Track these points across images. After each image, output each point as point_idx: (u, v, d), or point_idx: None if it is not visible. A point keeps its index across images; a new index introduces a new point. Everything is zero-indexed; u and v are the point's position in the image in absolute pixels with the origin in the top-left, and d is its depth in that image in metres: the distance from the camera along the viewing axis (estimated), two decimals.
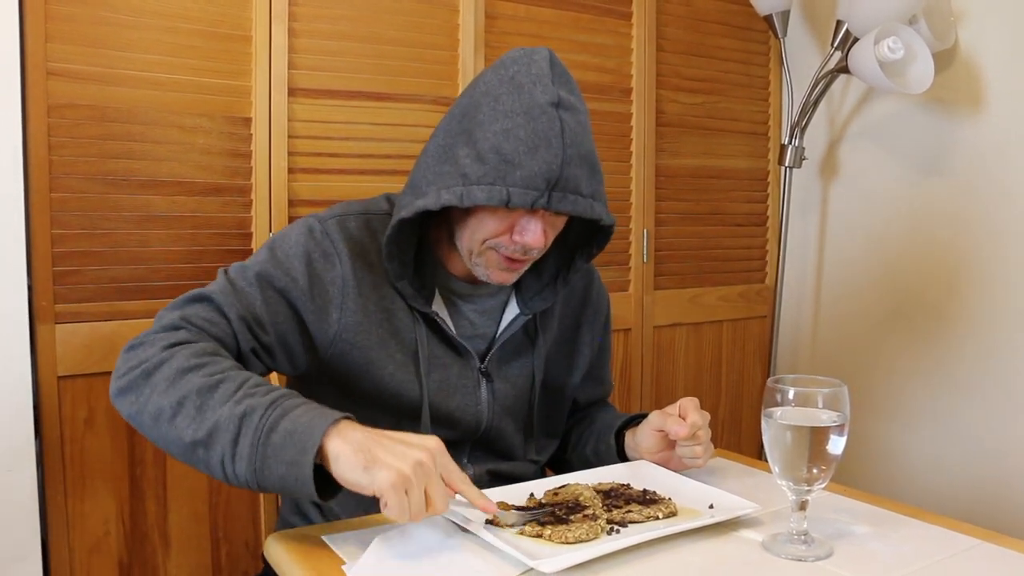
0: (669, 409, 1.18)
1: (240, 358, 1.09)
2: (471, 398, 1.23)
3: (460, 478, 0.93)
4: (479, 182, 1.04)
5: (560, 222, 1.14)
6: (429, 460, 0.88)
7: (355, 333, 1.14)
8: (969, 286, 2.07)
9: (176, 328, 1.04)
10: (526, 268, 1.17)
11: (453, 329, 1.21)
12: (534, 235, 1.08)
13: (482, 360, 1.23)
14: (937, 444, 2.14)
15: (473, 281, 1.22)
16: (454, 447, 1.21)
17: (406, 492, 0.86)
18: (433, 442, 0.91)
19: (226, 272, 1.13)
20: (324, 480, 0.90)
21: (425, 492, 0.87)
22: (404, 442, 0.90)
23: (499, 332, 1.25)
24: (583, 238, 1.23)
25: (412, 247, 1.17)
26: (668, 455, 1.20)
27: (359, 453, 0.88)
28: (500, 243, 1.10)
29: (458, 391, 1.21)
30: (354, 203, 1.23)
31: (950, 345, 2.11)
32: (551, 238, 1.13)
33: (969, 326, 2.07)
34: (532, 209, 1.06)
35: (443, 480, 0.90)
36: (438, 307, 1.20)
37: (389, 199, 1.24)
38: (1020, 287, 1.97)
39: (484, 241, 1.11)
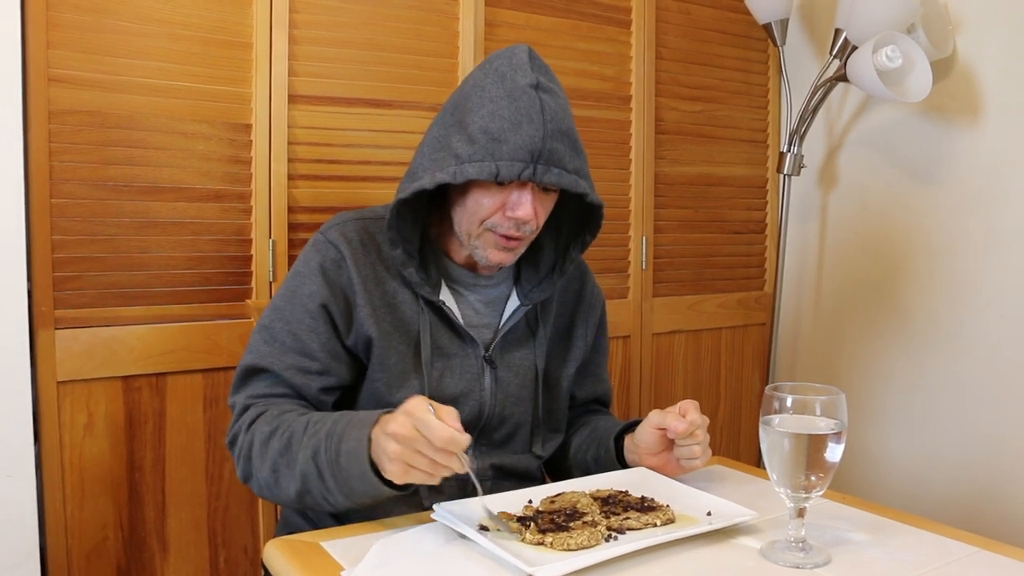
0: (669, 408, 1.20)
1: (312, 401, 1.21)
2: (475, 384, 1.26)
3: (447, 415, 0.97)
4: (470, 160, 1.12)
5: (550, 201, 1.21)
6: (405, 438, 0.96)
7: (367, 326, 1.20)
8: (967, 294, 2.07)
9: (246, 408, 1.18)
10: (522, 249, 1.23)
11: (459, 317, 1.25)
12: (525, 209, 1.15)
13: (486, 349, 1.28)
14: (936, 450, 2.14)
15: (475, 270, 1.29)
16: None
17: (411, 467, 0.96)
18: (402, 422, 0.97)
19: (262, 325, 1.22)
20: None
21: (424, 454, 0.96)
22: (387, 434, 0.98)
23: (502, 322, 1.30)
24: (576, 229, 1.30)
25: (417, 236, 1.24)
26: (666, 456, 1.21)
27: (378, 461, 1.00)
28: (495, 223, 1.18)
29: (462, 378, 1.25)
30: (352, 212, 1.30)
31: (947, 351, 2.11)
32: (543, 216, 1.20)
33: (965, 333, 2.07)
34: (521, 183, 1.15)
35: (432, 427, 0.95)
36: (444, 296, 1.26)
37: (387, 206, 1.27)
38: (1016, 294, 1.97)
39: (481, 222, 1.18)
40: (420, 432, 0.95)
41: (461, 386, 1.25)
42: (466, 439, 0.95)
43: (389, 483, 1.01)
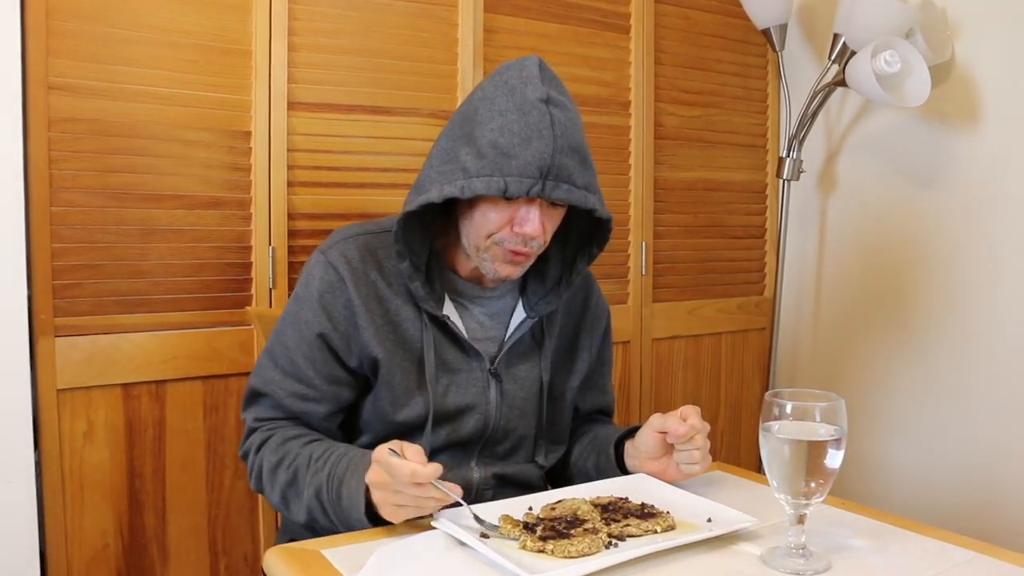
0: (670, 412, 1.20)
1: (317, 427, 1.24)
2: (480, 397, 1.26)
3: (410, 452, 1.01)
4: (478, 174, 1.11)
5: (558, 215, 1.20)
6: (379, 483, 1.01)
7: (371, 347, 1.20)
8: (966, 298, 2.07)
9: (253, 431, 1.24)
10: (530, 263, 1.22)
11: (464, 332, 1.25)
12: (533, 225, 1.14)
13: (492, 362, 1.27)
14: (937, 456, 2.14)
15: (481, 283, 1.28)
16: (463, 449, 1.26)
17: (398, 506, 1.01)
18: (374, 470, 1.03)
19: (268, 347, 1.25)
20: None
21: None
22: (369, 484, 1.04)
23: (507, 335, 1.29)
24: (583, 241, 1.29)
25: (426, 249, 1.23)
26: (667, 462, 1.20)
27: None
28: (502, 237, 1.17)
29: (468, 392, 1.25)
30: (355, 226, 1.29)
31: (948, 357, 2.11)
32: (550, 231, 1.19)
33: (966, 338, 2.07)
34: (530, 199, 1.14)
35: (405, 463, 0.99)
36: (448, 311, 1.25)
37: (393, 218, 1.27)
38: (1016, 299, 1.97)
39: (488, 236, 1.17)
40: (389, 474, 0.99)
41: (466, 400, 1.25)
42: (429, 471, 0.98)
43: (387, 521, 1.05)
